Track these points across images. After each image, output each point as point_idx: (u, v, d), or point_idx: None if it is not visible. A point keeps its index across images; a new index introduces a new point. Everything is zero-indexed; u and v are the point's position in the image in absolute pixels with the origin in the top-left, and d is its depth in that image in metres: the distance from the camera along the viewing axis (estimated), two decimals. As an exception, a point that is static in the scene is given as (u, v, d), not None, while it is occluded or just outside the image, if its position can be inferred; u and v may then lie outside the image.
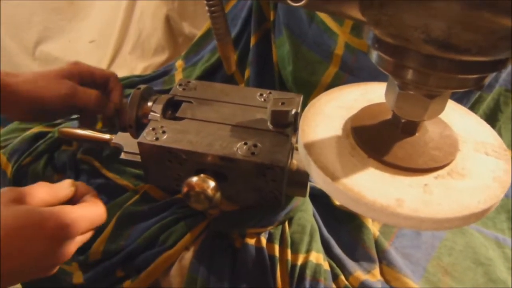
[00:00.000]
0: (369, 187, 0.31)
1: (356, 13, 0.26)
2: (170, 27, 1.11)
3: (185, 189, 0.38)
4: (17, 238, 0.32)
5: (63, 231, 0.35)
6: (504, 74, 0.59)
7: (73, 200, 0.40)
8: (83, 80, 0.53)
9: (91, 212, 0.39)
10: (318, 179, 0.33)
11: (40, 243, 0.33)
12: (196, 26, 1.08)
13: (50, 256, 0.35)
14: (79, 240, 0.38)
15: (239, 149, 0.40)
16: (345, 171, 0.33)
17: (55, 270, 0.37)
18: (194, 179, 0.38)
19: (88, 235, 0.40)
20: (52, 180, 0.55)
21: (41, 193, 0.37)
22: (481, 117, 0.61)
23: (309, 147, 0.35)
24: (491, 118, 0.61)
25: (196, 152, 0.40)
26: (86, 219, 0.37)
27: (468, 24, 0.23)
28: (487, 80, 0.29)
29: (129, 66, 1.31)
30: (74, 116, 0.65)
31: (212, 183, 0.38)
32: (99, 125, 0.61)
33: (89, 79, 0.53)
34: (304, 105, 0.46)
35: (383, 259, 0.46)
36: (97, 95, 0.51)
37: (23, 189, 0.36)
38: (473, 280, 0.45)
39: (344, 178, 0.32)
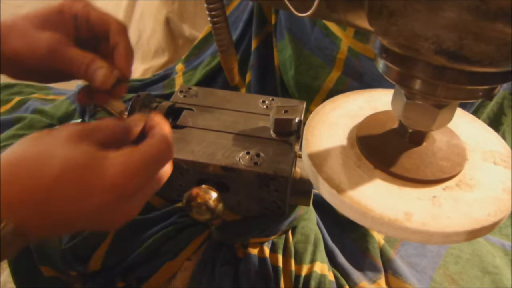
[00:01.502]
0: (376, 200, 0.30)
1: (363, 23, 0.26)
2: (170, 29, 1.11)
3: (186, 200, 0.37)
4: (70, 184, 0.27)
5: (127, 182, 0.28)
6: (509, 78, 0.58)
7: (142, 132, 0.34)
8: (79, 31, 0.38)
9: (157, 152, 0.31)
10: (323, 191, 0.33)
11: (98, 194, 0.28)
12: (196, 28, 1.07)
13: (112, 209, 0.29)
14: (147, 191, 0.32)
15: (242, 158, 0.39)
16: (351, 183, 0.32)
17: (122, 223, 0.31)
18: (196, 190, 0.37)
19: (159, 181, 0.33)
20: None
21: (108, 128, 0.31)
22: (485, 121, 0.61)
23: (313, 157, 0.34)
24: (495, 122, 0.61)
25: (198, 162, 0.39)
26: (153, 163, 0.30)
27: (480, 35, 0.22)
28: (497, 91, 0.29)
29: (128, 69, 1.30)
30: (73, 122, 0.65)
31: (214, 194, 0.37)
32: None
33: (86, 29, 0.38)
34: (306, 109, 0.46)
35: (389, 268, 0.45)
36: (91, 59, 0.37)
37: (88, 125, 0.30)
38: (480, 289, 0.44)
39: (350, 190, 0.31)
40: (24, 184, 0.26)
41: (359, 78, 0.58)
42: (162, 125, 0.33)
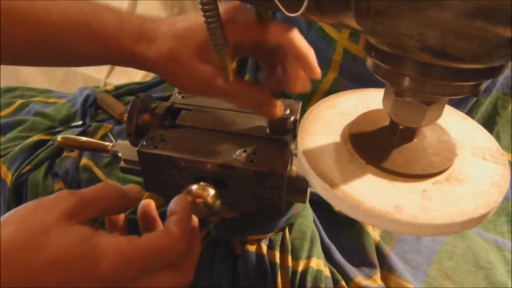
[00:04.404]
0: (368, 194, 0.31)
1: (352, 23, 0.27)
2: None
3: (185, 197, 0.38)
4: (56, 277, 0.26)
5: (119, 276, 0.27)
6: (501, 78, 0.59)
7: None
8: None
9: (163, 252, 0.29)
10: (317, 186, 0.34)
11: (85, 285, 0.26)
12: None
13: None
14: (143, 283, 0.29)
15: (238, 156, 0.40)
16: (343, 178, 0.33)
17: None
18: (194, 187, 0.38)
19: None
20: (52, 190, 0.55)
21: (103, 200, 0.30)
22: (479, 121, 0.62)
23: (307, 154, 0.35)
24: (490, 122, 0.61)
25: (195, 160, 0.40)
26: (153, 261, 0.28)
27: (462, 33, 0.23)
28: (483, 87, 0.30)
29: (129, 72, 1.31)
30: (74, 124, 0.66)
31: (211, 191, 0.38)
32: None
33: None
34: (304, 111, 0.47)
35: (384, 264, 0.46)
36: (262, 99, 0.39)
37: (84, 197, 0.29)
38: (474, 284, 0.45)
39: (343, 185, 0.32)
40: (8, 277, 0.25)
41: (354, 79, 0.59)
42: (182, 216, 0.31)
